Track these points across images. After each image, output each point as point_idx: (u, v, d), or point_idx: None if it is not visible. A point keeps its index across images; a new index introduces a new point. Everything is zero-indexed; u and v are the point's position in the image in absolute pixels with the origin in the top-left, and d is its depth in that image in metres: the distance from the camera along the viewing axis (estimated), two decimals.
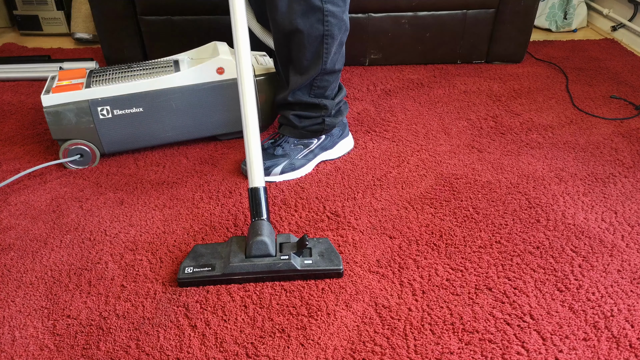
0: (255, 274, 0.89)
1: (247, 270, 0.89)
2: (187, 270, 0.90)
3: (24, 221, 1.07)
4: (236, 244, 0.93)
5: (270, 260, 0.89)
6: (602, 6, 2.13)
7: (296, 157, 1.18)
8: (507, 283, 0.90)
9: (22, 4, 2.11)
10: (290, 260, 0.89)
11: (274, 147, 1.19)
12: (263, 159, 1.17)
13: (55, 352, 0.79)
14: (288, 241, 0.95)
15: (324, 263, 0.91)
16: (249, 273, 0.89)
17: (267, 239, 0.90)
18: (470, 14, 1.68)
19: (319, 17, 1.04)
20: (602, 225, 1.03)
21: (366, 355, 0.78)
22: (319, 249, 0.94)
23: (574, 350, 0.78)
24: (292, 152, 1.18)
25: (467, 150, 1.29)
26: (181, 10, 1.64)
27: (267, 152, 1.18)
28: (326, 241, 0.96)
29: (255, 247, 0.89)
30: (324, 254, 0.93)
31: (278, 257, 0.90)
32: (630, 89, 1.59)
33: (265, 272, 0.89)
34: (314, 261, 0.91)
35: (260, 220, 0.93)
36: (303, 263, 0.91)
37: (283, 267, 0.89)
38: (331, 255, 0.92)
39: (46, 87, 1.20)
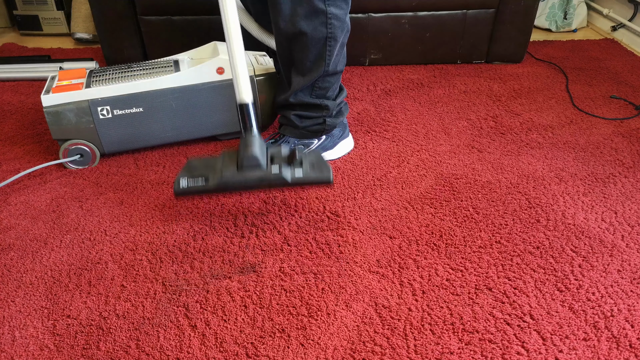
0: (247, 185, 0.93)
1: (239, 182, 0.93)
2: (182, 182, 0.94)
3: (24, 221, 1.07)
4: (228, 157, 0.96)
5: (261, 173, 0.93)
6: (602, 6, 2.13)
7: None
8: (507, 283, 0.90)
9: (22, 4, 2.11)
10: (281, 174, 0.92)
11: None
12: None
13: (55, 352, 0.79)
14: (279, 153, 0.97)
15: (314, 173, 0.94)
16: (241, 185, 0.93)
17: (257, 151, 0.93)
18: (470, 14, 1.68)
19: (323, 20, 1.04)
20: (602, 225, 1.03)
21: (366, 355, 0.78)
22: (309, 159, 0.96)
23: (574, 350, 0.78)
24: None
25: (467, 150, 1.29)
26: (181, 10, 1.64)
27: None
28: (317, 153, 0.99)
29: (247, 160, 0.93)
30: (314, 165, 0.95)
31: (269, 169, 0.93)
32: (630, 89, 1.59)
33: (256, 184, 0.93)
34: (304, 172, 0.94)
35: (250, 135, 0.96)
36: (294, 175, 0.93)
37: (274, 179, 0.92)
38: (321, 166, 0.95)
39: (46, 87, 1.20)
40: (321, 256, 0.96)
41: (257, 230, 1.03)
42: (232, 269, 0.94)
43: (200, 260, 0.96)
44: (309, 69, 1.11)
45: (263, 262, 0.95)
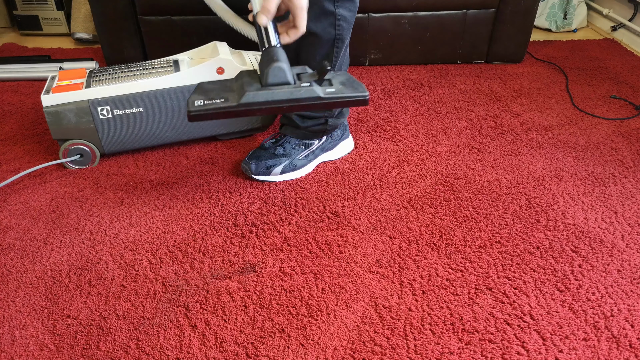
0: (275, 103, 0.81)
1: (266, 99, 0.81)
2: (197, 103, 0.81)
3: (24, 221, 1.07)
4: (248, 76, 0.85)
5: (290, 88, 0.81)
6: (602, 6, 2.13)
7: (297, 157, 1.18)
8: (507, 283, 0.90)
9: (22, 4, 2.11)
10: (313, 87, 0.82)
11: (275, 147, 1.19)
12: (264, 158, 1.17)
13: (55, 352, 0.79)
14: (305, 72, 0.87)
15: (347, 90, 0.84)
16: (268, 102, 0.81)
17: (284, 64, 0.82)
18: (470, 14, 1.68)
19: (332, 21, 1.04)
20: (602, 225, 1.03)
21: (366, 355, 0.78)
22: (339, 79, 0.87)
23: (574, 350, 0.78)
24: (293, 152, 1.18)
25: (467, 150, 1.29)
26: (181, 10, 1.64)
27: (268, 151, 1.18)
28: (346, 73, 0.89)
29: (272, 74, 0.81)
30: (346, 83, 0.85)
31: (298, 84, 0.82)
32: (630, 89, 1.59)
33: (285, 101, 0.81)
34: (336, 89, 0.84)
35: (273, 47, 0.84)
36: (325, 91, 0.83)
37: (305, 95, 0.81)
38: (354, 84, 0.85)
39: (46, 87, 1.20)
40: (321, 256, 0.96)
41: (257, 230, 1.03)
42: (232, 269, 0.94)
43: (200, 260, 0.96)
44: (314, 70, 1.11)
45: (263, 262, 0.95)
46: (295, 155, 1.18)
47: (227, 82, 0.87)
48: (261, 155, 1.18)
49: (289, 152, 1.18)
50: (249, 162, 1.17)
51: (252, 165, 1.16)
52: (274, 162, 1.16)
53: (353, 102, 0.84)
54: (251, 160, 1.17)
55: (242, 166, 1.19)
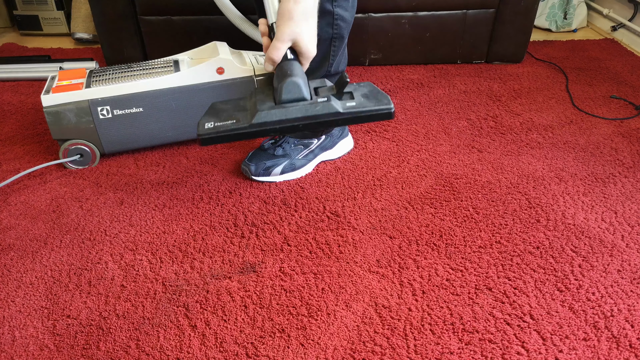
0: (290, 122, 0.74)
1: (279, 118, 0.74)
2: (207, 125, 0.76)
3: (24, 221, 1.07)
4: (261, 93, 0.79)
5: (306, 104, 0.74)
6: (602, 6, 2.13)
7: (296, 157, 1.18)
8: (507, 283, 0.90)
9: (22, 4, 2.11)
10: (331, 102, 0.74)
11: (274, 147, 1.19)
12: (263, 159, 1.17)
13: (55, 352, 0.79)
14: (324, 85, 0.80)
15: (370, 103, 0.76)
16: (282, 122, 0.74)
17: (299, 79, 0.75)
18: (470, 14, 1.68)
19: (329, 20, 1.04)
20: (602, 225, 1.03)
21: (366, 355, 0.78)
22: (361, 91, 0.79)
23: (574, 350, 0.78)
24: (293, 152, 1.18)
25: (467, 150, 1.29)
26: (181, 10, 1.64)
27: (267, 152, 1.19)
28: (369, 84, 0.81)
29: (286, 90, 0.75)
30: (369, 96, 0.78)
31: (315, 100, 0.75)
32: (630, 89, 1.59)
33: (301, 119, 0.74)
34: (358, 103, 0.76)
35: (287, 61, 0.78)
36: (345, 105, 0.76)
37: (322, 111, 0.74)
38: (377, 95, 0.77)
39: (46, 87, 1.20)
40: (321, 256, 0.96)
41: (257, 230, 1.03)
42: (232, 269, 0.94)
43: (200, 260, 0.96)
44: (312, 69, 1.11)
45: (263, 262, 0.95)
46: (295, 155, 1.18)
47: (240, 101, 0.81)
48: (260, 156, 1.18)
49: (288, 152, 1.18)
50: (249, 163, 1.17)
51: (251, 166, 1.16)
52: (274, 163, 1.16)
53: (376, 116, 0.76)
54: (251, 161, 1.17)
55: (242, 167, 1.19)
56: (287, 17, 0.82)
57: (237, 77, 1.25)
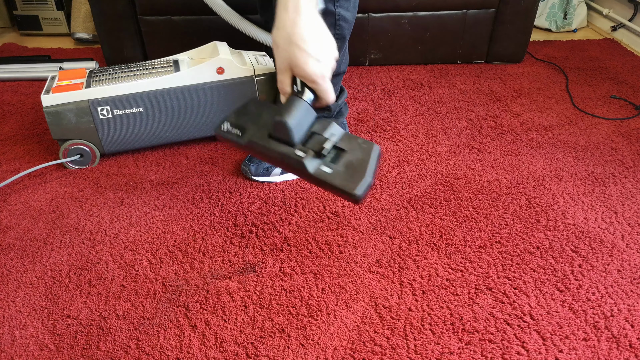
0: (269, 155, 0.80)
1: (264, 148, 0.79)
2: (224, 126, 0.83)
3: (24, 221, 1.07)
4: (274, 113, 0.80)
5: (286, 150, 0.78)
6: (602, 6, 2.13)
7: None
8: (507, 283, 0.90)
9: (22, 4, 2.11)
10: (304, 160, 0.76)
11: None
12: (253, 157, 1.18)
13: (55, 352, 0.79)
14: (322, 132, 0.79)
15: (340, 179, 0.75)
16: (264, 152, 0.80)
17: (291, 122, 0.76)
18: (470, 14, 1.68)
19: (332, 21, 1.04)
20: (602, 225, 1.03)
21: (366, 355, 0.78)
22: (348, 158, 0.78)
23: (574, 350, 0.78)
24: None
25: (467, 150, 1.29)
26: (181, 10, 1.64)
27: None
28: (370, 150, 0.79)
29: (275, 128, 0.78)
30: (349, 168, 0.76)
31: (296, 150, 0.77)
32: (630, 89, 1.59)
33: (277, 159, 0.80)
34: (333, 171, 0.76)
35: (296, 98, 0.79)
36: (319, 169, 0.76)
37: (295, 164, 0.77)
38: (355, 174, 0.75)
39: (46, 87, 1.20)
40: (321, 256, 0.96)
41: (257, 230, 1.03)
42: (232, 269, 0.94)
43: (200, 260, 0.96)
44: None
45: (263, 262, 0.95)
46: None
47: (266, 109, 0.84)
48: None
49: None
50: (249, 164, 1.17)
51: (251, 167, 1.16)
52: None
53: (342, 193, 0.75)
54: (250, 161, 1.17)
55: (242, 168, 1.19)
56: (274, 46, 0.80)
57: (237, 77, 1.25)
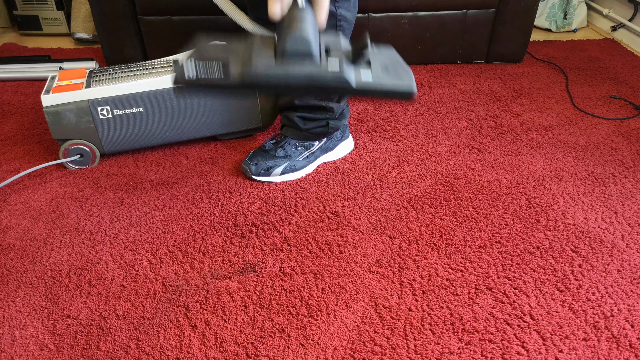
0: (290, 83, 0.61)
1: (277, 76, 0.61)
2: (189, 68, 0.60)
3: (24, 221, 1.07)
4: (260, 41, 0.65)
5: (313, 68, 0.61)
6: (602, 6, 2.13)
7: (297, 159, 1.19)
8: (507, 283, 0.90)
9: (22, 4, 2.11)
10: (342, 73, 0.61)
11: (275, 148, 1.19)
12: (264, 159, 1.17)
13: (55, 352, 0.79)
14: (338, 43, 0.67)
15: (389, 79, 0.63)
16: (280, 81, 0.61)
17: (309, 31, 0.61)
18: (470, 14, 1.68)
19: (333, 22, 1.04)
20: (602, 225, 1.03)
21: (366, 355, 0.78)
22: (380, 60, 0.67)
23: (574, 350, 0.78)
24: (294, 154, 1.18)
25: (467, 150, 1.29)
26: (181, 10, 1.64)
27: (268, 153, 1.19)
28: (391, 51, 0.69)
29: (293, 44, 0.61)
30: (389, 68, 0.65)
31: (325, 64, 0.62)
32: (630, 89, 1.59)
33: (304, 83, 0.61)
34: (375, 76, 0.64)
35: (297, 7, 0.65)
36: (360, 78, 0.63)
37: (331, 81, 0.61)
38: (399, 70, 0.65)
39: (46, 87, 1.20)
40: (321, 256, 0.96)
41: (257, 230, 1.03)
42: (232, 269, 0.94)
43: (200, 260, 0.96)
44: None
45: (263, 262, 0.95)
46: (296, 156, 1.18)
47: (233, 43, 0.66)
48: (261, 157, 1.18)
49: (289, 153, 1.18)
50: (249, 163, 1.17)
51: (252, 166, 1.16)
52: (274, 163, 1.16)
53: (394, 95, 0.63)
54: (251, 161, 1.17)
55: (242, 167, 1.19)
56: None
57: None
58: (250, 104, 1.28)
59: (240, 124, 1.31)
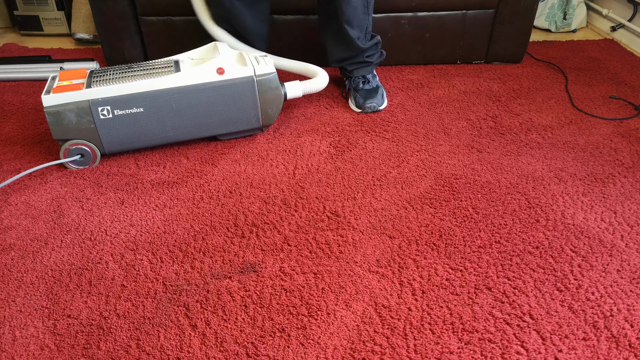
0: None
1: None
2: None
3: (25, 221, 1.07)
4: None
5: None
6: (602, 6, 2.14)
7: (379, 83, 1.53)
8: (507, 283, 0.90)
9: (23, 4, 2.11)
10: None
11: (368, 82, 1.49)
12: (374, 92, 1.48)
13: (56, 352, 0.79)
14: None
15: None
16: None
17: None
18: (470, 15, 1.68)
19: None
20: (602, 225, 1.03)
21: (366, 354, 0.78)
22: None
23: (574, 349, 0.78)
24: (376, 81, 1.52)
25: (466, 150, 1.29)
26: (181, 10, 1.64)
27: (369, 90, 1.48)
28: None
29: None
30: None
31: None
32: (630, 89, 1.60)
33: None
34: None
35: None
36: None
37: None
38: None
39: (47, 87, 1.20)
40: (321, 256, 0.96)
41: (257, 230, 1.03)
42: (232, 268, 0.94)
43: (201, 260, 0.96)
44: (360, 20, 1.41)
45: (263, 262, 0.95)
46: (378, 82, 1.54)
47: None
48: (369, 92, 1.47)
49: (376, 83, 1.51)
50: (371, 101, 1.45)
51: (374, 101, 1.45)
52: (381, 91, 1.49)
53: None
54: (367, 99, 1.45)
55: (367, 107, 1.45)
56: None
57: (237, 77, 1.25)
58: (250, 104, 1.29)
59: (240, 124, 1.31)
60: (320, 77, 1.41)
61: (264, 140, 1.35)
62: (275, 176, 1.20)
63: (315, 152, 1.29)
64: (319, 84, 1.40)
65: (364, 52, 1.47)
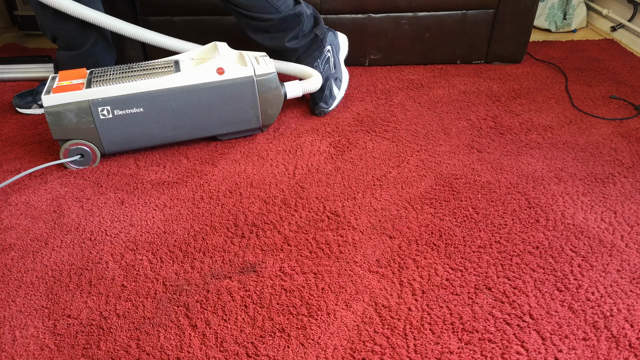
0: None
1: None
2: None
3: (25, 221, 1.07)
4: None
5: None
6: (602, 6, 2.14)
7: (330, 71, 1.42)
8: (507, 283, 0.90)
9: (23, 4, 2.11)
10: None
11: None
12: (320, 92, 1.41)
13: (56, 352, 0.79)
14: None
15: None
16: None
17: None
18: (470, 14, 1.68)
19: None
20: (602, 225, 1.03)
21: (366, 354, 0.78)
22: None
23: (574, 349, 0.78)
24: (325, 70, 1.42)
25: (466, 150, 1.29)
26: (181, 10, 1.64)
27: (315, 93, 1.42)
28: None
29: None
30: None
31: None
32: (630, 89, 1.60)
33: None
34: None
35: None
36: None
37: None
38: None
39: (47, 87, 1.20)
40: (321, 256, 0.96)
41: (257, 230, 1.03)
42: (232, 268, 0.94)
43: (201, 260, 0.96)
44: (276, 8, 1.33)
45: (263, 262, 0.95)
46: (327, 70, 1.42)
47: None
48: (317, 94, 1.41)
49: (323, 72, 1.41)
50: (319, 107, 1.41)
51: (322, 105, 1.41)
52: (329, 87, 1.41)
53: None
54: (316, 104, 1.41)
55: (317, 113, 1.42)
56: None
57: (237, 77, 1.25)
58: (250, 104, 1.29)
59: (240, 124, 1.31)
60: (316, 78, 1.41)
61: (264, 140, 1.35)
62: (275, 176, 1.20)
63: (315, 152, 1.29)
64: (317, 84, 1.41)
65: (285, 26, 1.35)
